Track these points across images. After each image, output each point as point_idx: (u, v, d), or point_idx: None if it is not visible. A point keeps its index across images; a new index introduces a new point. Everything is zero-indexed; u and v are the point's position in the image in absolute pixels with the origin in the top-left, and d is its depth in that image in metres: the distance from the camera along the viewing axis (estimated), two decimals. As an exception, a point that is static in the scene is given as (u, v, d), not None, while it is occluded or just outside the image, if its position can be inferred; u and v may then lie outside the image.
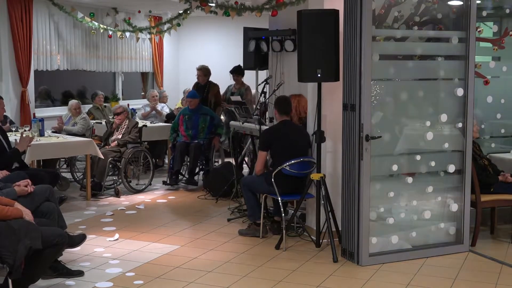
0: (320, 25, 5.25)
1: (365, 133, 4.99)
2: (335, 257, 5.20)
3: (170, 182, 8.27)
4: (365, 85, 4.96)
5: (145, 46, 12.22)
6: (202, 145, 8.27)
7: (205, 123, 8.39)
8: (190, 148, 8.18)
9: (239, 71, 9.10)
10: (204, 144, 8.31)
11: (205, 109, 8.52)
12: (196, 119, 8.38)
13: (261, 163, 5.89)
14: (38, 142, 7.18)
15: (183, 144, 8.23)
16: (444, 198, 5.52)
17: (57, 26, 10.09)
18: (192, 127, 8.37)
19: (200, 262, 5.23)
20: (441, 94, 5.48)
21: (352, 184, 5.11)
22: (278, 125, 5.92)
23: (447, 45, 5.41)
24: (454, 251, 5.43)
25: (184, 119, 8.45)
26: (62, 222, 5.07)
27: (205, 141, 8.32)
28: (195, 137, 8.33)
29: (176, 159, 8.19)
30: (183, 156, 8.24)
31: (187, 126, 8.39)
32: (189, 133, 8.36)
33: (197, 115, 8.39)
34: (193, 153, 8.12)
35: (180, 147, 8.19)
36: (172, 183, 8.26)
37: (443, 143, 5.41)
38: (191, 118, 8.40)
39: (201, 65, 9.12)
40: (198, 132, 8.36)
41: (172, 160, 8.33)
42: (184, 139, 8.34)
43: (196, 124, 8.36)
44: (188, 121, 8.42)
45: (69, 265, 4.96)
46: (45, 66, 9.95)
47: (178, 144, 8.28)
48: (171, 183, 8.26)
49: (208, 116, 8.43)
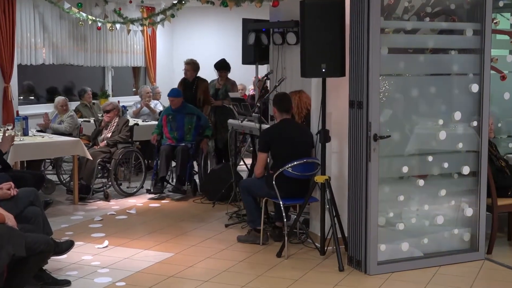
0: (325, 16, 5.27)
1: (373, 132, 5.01)
2: (341, 266, 5.22)
3: (154, 190, 7.95)
4: (373, 80, 4.98)
5: (136, 39, 12.25)
6: (190, 148, 8.04)
7: (191, 124, 8.14)
8: (176, 152, 7.93)
9: (225, 66, 8.99)
10: (192, 147, 8.08)
11: (191, 108, 8.26)
12: (181, 119, 8.13)
13: (261, 166, 5.90)
14: (21, 142, 7.21)
15: (168, 147, 7.99)
16: (458, 202, 5.53)
17: (42, 17, 10.13)
18: (177, 128, 8.13)
19: (196, 271, 5.24)
20: (455, 90, 5.50)
21: (359, 187, 5.13)
22: (279, 124, 5.93)
23: (461, 38, 5.43)
24: (468, 259, 5.45)
25: (168, 119, 8.19)
26: (47, 228, 5.09)
27: (193, 144, 8.09)
28: (181, 140, 8.09)
29: (161, 165, 7.90)
30: (169, 160, 8.00)
31: (171, 128, 8.15)
32: (174, 135, 8.12)
33: (182, 114, 8.15)
34: (180, 158, 7.85)
35: (165, 151, 7.92)
36: (157, 191, 7.94)
37: (457, 143, 5.42)
38: (175, 118, 8.15)
39: (189, 59, 8.91)
40: (184, 133, 8.12)
41: (156, 166, 8.02)
42: (169, 142, 8.10)
43: (182, 125, 8.13)
44: (172, 122, 8.17)
45: (55, 274, 4.97)
46: (29, 60, 9.98)
47: (162, 148, 8.01)
48: (156, 192, 7.95)
49: (194, 115, 8.17)
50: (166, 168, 7.94)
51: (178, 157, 7.88)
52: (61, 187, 8.35)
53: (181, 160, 7.86)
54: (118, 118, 8.30)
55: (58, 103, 8.98)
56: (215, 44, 12.75)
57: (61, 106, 8.96)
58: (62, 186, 8.39)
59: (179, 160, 7.87)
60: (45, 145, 7.41)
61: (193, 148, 8.08)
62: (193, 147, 8.08)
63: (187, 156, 7.95)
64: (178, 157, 7.88)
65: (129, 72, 12.76)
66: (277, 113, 5.93)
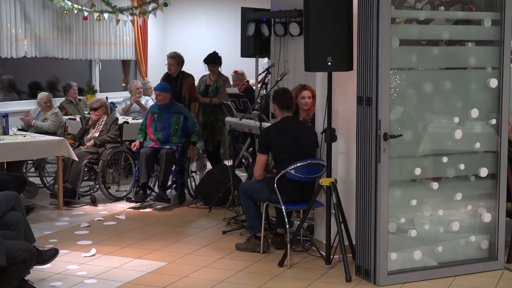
0: (331, 5, 5.26)
1: (383, 131, 5.00)
2: (348, 276, 5.21)
3: (135, 198, 7.66)
4: (383, 75, 4.97)
5: (126, 30, 12.23)
6: (176, 152, 7.76)
7: (178, 124, 7.88)
8: (160, 156, 7.64)
9: (215, 60, 8.87)
10: (178, 150, 7.80)
11: (179, 107, 8.03)
12: (167, 119, 7.86)
13: (261, 168, 5.90)
14: (1, 142, 7.20)
15: (150, 150, 7.71)
16: (475, 207, 5.52)
17: (24, 6, 10.10)
18: (162, 128, 7.85)
19: (191, 282, 5.23)
20: (472, 86, 5.49)
21: (367, 190, 5.12)
22: (280, 122, 5.94)
23: (479, 28, 5.42)
24: (486, 269, 5.44)
25: (153, 118, 7.92)
26: (29, 235, 5.08)
27: (178, 147, 7.81)
28: (166, 142, 7.82)
29: (142, 170, 7.61)
30: (150, 165, 7.70)
31: (156, 128, 7.86)
32: (159, 137, 7.85)
33: (169, 113, 7.88)
34: (164, 162, 7.57)
35: (145, 154, 7.63)
36: (138, 199, 7.63)
37: (474, 143, 5.42)
38: (161, 117, 7.87)
39: (173, 52, 8.72)
40: (169, 135, 7.85)
41: (137, 171, 7.74)
42: (152, 144, 7.83)
43: (168, 125, 7.85)
44: (157, 121, 7.88)
45: (37, 285, 4.97)
46: (10, 53, 9.95)
47: (143, 151, 7.70)
48: (137, 200, 7.64)
49: (182, 115, 7.92)
50: (147, 173, 7.64)
51: (162, 161, 7.61)
52: (45, 191, 8.34)
53: (165, 164, 7.60)
54: (106, 116, 8.29)
55: (42, 100, 8.98)
56: (211, 35, 12.74)
57: (44, 103, 8.95)
58: (45, 190, 8.37)
59: (163, 165, 7.61)
60: (27, 145, 7.40)
61: (179, 151, 7.81)
62: (179, 150, 7.82)
63: (172, 160, 7.70)
64: (162, 161, 7.61)
65: (118, 65, 12.75)
66: (277, 110, 5.93)
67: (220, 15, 12.72)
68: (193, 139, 8.03)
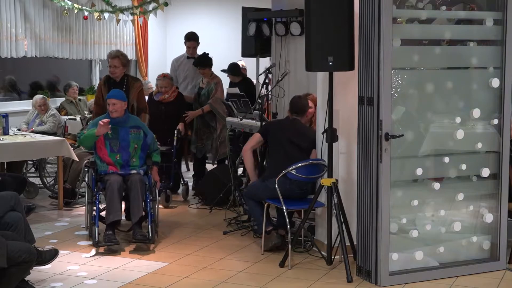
0: (332, 4, 5.25)
1: (384, 131, 5.01)
2: (350, 277, 5.21)
3: (105, 241, 5.90)
4: (385, 75, 4.98)
5: (126, 30, 12.23)
6: (145, 176, 6.30)
7: (138, 142, 6.29)
8: (130, 184, 6.08)
9: (203, 62, 8.19)
10: (147, 177, 6.33)
11: (135, 119, 6.46)
12: (125, 136, 6.23)
13: (251, 145, 6.21)
14: (1, 142, 7.20)
15: (119, 178, 6.09)
16: (477, 207, 5.52)
17: (24, 6, 10.10)
18: (119, 149, 6.20)
19: (192, 282, 5.24)
20: (474, 86, 5.50)
21: (369, 190, 5.13)
22: (284, 120, 6.29)
23: (481, 28, 5.42)
24: (488, 269, 5.44)
25: (107, 135, 6.17)
26: (29, 236, 5.09)
27: (144, 171, 6.32)
28: (126, 165, 6.20)
29: (113, 204, 5.97)
30: (121, 196, 6.15)
31: (112, 149, 6.19)
32: (117, 159, 6.18)
33: (126, 128, 6.26)
34: (138, 191, 6.05)
35: (117, 184, 6.01)
36: (108, 242, 5.89)
37: (475, 143, 5.42)
38: (117, 134, 6.21)
39: (115, 51, 7.08)
40: (129, 156, 6.24)
41: (98, 206, 6.11)
42: (111, 169, 6.15)
43: (126, 144, 6.22)
44: (112, 140, 6.20)
45: (38, 286, 4.97)
46: (10, 53, 9.95)
47: (113, 179, 6.02)
48: (108, 242, 5.89)
49: (141, 130, 6.35)
50: (119, 207, 6.07)
51: (134, 190, 6.05)
52: (45, 191, 8.33)
53: (138, 194, 6.06)
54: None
55: (36, 103, 8.92)
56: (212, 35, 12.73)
57: (39, 106, 8.88)
58: (45, 190, 8.36)
59: (137, 195, 6.05)
60: (27, 145, 7.40)
61: (147, 177, 6.34)
62: (147, 176, 6.34)
63: (144, 188, 6.19)
64: (135, 191, 6.05)
65: (119, 65, 12.73)
66: (289, 112, 6.28)
67: (221, 14, 12.72)
68: (155, 159, 6.49)
